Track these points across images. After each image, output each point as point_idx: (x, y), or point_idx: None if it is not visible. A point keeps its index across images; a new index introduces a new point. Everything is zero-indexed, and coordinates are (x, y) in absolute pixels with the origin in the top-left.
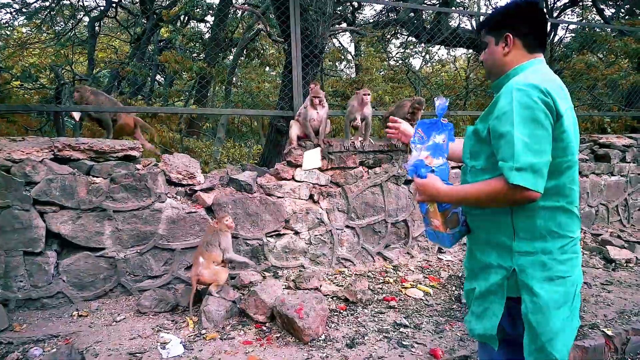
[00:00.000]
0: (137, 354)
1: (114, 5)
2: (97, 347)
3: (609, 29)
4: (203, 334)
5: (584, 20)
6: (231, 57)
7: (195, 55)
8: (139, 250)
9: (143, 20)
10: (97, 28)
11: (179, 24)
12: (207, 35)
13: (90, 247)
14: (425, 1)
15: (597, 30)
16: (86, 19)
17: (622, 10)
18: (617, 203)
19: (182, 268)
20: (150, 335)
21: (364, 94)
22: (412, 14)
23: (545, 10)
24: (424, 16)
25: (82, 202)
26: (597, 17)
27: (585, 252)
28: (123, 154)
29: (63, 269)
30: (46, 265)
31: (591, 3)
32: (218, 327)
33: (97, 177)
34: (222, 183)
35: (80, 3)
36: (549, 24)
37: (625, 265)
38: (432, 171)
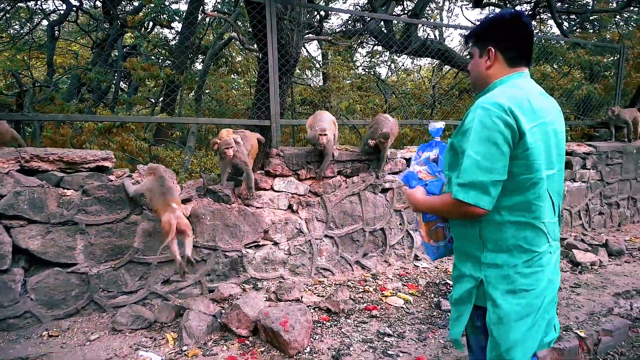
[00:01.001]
0: None
1: (74, 9)
2: None
3: (563, 42)
4: (184, 351)
5: (540, 33)
6: (200, 65)
7: (162, 61)
8: (113, 265)
9: (105, 25)
10: (56, 32)
11: (143, 30)
12: (173, 42)
13: (61, 263)
14: (397, 11)
15: (554, 42)
16: (45, 22)
17: (576, 25)
18: (579, 208)
19: (159, 282)
20: (129, 354)
21: (320, 134)
22: (382, 24)
23: (529, 20)
24: (394, 28)
25: (52, 215)
26: (552, 30)
27: None
28: (95, 165)
29: (31, 286)
30: (12, 284)
31: (549, 17)
32: (199, 342)
33: (67, 189)
34: (200, 194)
35: (38, 6)
36: (532, 34)
37: (590, 268)
38: (425, 185)
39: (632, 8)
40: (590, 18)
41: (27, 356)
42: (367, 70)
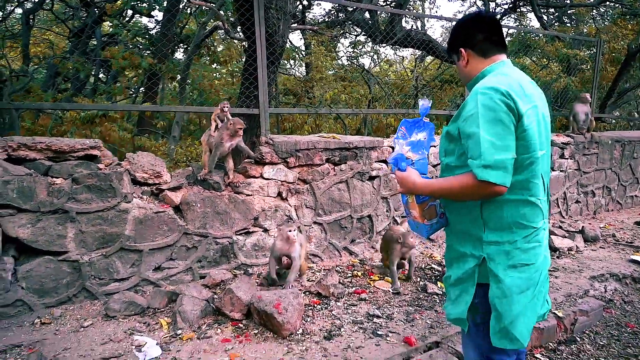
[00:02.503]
0: (111, 359)
1: None
2: (67, 354)
3: (541, 35)
4: (179, 335)
5: (520, 26)
6: (182, 54)
7: (142, 50)
8: (104, 253)
9: (82, 13)
10: (31, 21)
11: (122, 18)
12: (154, 31)
13: (52, 251)
14: (380, 2)
15: (533, 35)
16: (19, 10)
17: (553, 17)
18: (557, 196)
19: (150, 269)
20: (123, 339)
21: (287, 234)
22: (367, 15)
23: (487, 14)
24: (379, 19)
25: (42, 204)
26: (532, 23)
27: None
28: (84, 154)
29: (22, 275)
30: (3, 272)
31: (530, 10)
32: (194, 326)
33: (57, 177)
34: (190, 182)
35: None
36: (496, 24)
37: (567, 253)
38: (412, 164)
39: (608, 3)
40: (569, 12)
41: (21, 343)
42: (350, 60)
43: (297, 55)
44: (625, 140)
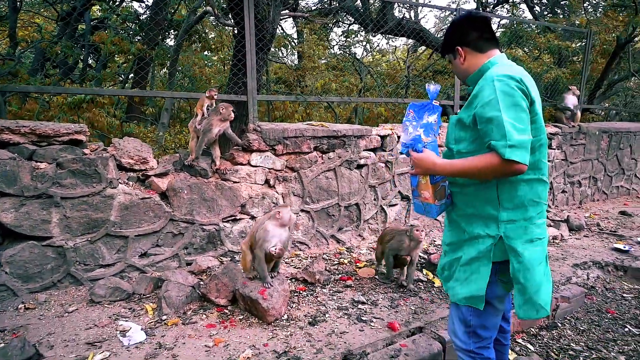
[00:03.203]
0: (95, 344)
1: None
2: (51, 339)
3: (535, 26)
4: (164, 320)
5: (512, 16)
6: (172, 41)
7: (132, 35)
8: (89, 239)
9: None
10: (18, 3)
11: (112, 2)
12: (144, 16)
13: (36, 236)
14: None
15: (524, 26)
16: None
17: (547, 9)
18: None
19: (136, 256)
20: (108, 324)
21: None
22: (358, 2)
23: (478, 13)
24: (370, 7)
25: (26, 188)
26: (525, 14)
27: None
28: (68, 138)
29: (5, 260)
30: None
31: (522, 1)
32: (179, 312)
33: (41, 162)
34: (176, 168)
35: None
36: (487, 22)
37: (552, 241)
38: (425, 146)
39: None
40: (561, 3)
41: (4, 328)
42: (342, 49)
43: (289, 44)
44: (612, 131)
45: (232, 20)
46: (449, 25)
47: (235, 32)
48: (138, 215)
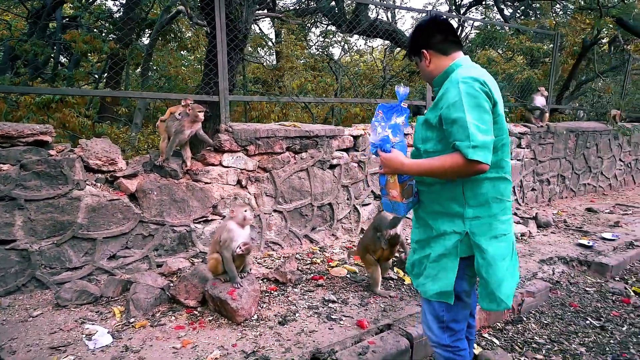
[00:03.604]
0: (60, 348)
1: None
2: (14, 344)
3: (507, 27)
4: (132, 322)
5: (486, 19)
6: (146, 39)
7: (105, 34)
8: (55, 242)
9: None
10: None
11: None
12: (117, 15)
13: None
14: None
15: (498, 28)
16: None
17: (519, 11)
18: (514, 184)
19: (105, 258)
20: (74, 328)
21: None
22: (333, 3)
23: (442, 17)
24: (345, 8)
25: None
26: (498, 16)
27: None
28: (33, 139)
29: None
30: None
31: (493, 2)
32: (147, 314)
33: (3, 163)
34: (146, 169)
35: None
36: (451, 26)
37: (520, 238)
38: (393, 146)
39: None
40: (533, 6)
41: None
42: (320, 50)
43: (265, 44)
44: (579, 130)
45: (204, 19)
46: (414, 28)
47: (209, 31)
48: (106, 217)
